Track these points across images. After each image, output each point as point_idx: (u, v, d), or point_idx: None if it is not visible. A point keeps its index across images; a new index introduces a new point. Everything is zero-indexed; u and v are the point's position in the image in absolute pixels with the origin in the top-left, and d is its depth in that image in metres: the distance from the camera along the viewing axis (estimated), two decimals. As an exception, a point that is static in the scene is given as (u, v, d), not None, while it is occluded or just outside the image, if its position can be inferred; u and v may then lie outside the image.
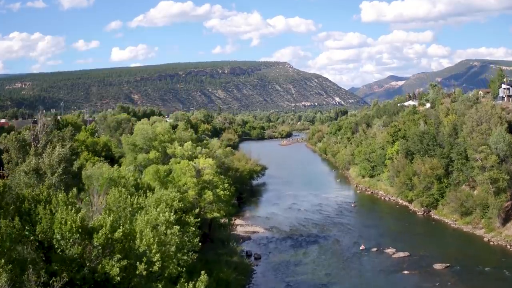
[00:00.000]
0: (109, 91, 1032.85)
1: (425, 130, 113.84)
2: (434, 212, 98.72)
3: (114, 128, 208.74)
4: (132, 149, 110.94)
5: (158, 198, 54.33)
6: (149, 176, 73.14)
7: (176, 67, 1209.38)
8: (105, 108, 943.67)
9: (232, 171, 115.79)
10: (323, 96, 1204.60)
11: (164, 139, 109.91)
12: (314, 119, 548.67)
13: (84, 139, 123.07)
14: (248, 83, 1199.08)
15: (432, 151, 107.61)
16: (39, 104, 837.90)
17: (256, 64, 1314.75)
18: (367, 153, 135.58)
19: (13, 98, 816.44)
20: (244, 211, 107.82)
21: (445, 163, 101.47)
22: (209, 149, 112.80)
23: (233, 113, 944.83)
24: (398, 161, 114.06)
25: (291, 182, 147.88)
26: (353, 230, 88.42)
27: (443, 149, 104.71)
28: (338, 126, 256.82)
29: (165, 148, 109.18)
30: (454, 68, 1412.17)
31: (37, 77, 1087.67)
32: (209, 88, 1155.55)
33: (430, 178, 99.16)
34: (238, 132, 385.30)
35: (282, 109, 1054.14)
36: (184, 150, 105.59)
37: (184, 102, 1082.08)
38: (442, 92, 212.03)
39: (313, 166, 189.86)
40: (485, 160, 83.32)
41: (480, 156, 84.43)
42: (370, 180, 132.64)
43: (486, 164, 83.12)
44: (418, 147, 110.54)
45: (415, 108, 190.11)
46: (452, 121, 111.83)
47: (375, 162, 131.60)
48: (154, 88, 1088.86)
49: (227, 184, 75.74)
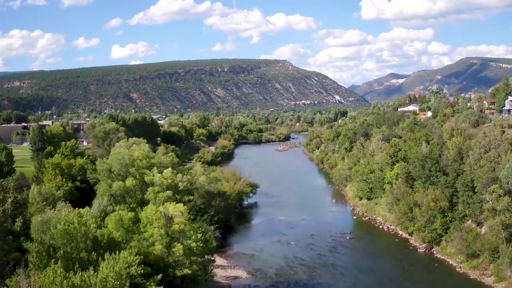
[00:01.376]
0: (108, 90, 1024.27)
1: (427, 154, 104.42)
2: (437, 249, 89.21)
3: (102, 138, 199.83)
4: (108, 175, 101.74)
5: (105, 276, 45.01)
6: (111, 225, 63.79)
7: (176, 65, 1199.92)
8: (104, 107, 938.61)
9: (217, 199, 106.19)
10: (323, 94, 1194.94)
11: (142, 164, 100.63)
12: (313, 120, 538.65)
13: (59, 161, 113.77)
14: (247, 81, 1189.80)
15: (435, 177, 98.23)
16: (37, 103, 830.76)
17: (256, 62, 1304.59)
18: (365, 173, 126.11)
19: (11, 97, 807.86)
20: (229, 245, 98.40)
21: (450, 194, 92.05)
22: (191, 175, 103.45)
23: (232, 111, 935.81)
24: (398, 187, 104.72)
25: (284, 203, 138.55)
26: (347, 276, 78.74)
27: (447, 177, 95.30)
28: (336, 132, 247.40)
29: (143, 175, 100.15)
30: (454, 65, 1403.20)
31: (36, 76, 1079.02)
32: (208, 86, 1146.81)
33: (433, 211, 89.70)
34: (234, 136, 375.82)
35: (281, 108, 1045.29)
36: (163, 178, 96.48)
37: (184, 101, 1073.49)
38: (444, 101, 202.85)
39: (309, 181, 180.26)
40: (496, 202, 73.74)
41: (491, 197, 74.86)
42: (368, 203, 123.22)
43: (497, 207, 73.54)
44: (419, 172, 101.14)
45: (416, 118, 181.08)
46: (457, 144, 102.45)
47: (373, 184, 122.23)
48: (153, 86, 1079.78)
49: (201, 234, 66.22)
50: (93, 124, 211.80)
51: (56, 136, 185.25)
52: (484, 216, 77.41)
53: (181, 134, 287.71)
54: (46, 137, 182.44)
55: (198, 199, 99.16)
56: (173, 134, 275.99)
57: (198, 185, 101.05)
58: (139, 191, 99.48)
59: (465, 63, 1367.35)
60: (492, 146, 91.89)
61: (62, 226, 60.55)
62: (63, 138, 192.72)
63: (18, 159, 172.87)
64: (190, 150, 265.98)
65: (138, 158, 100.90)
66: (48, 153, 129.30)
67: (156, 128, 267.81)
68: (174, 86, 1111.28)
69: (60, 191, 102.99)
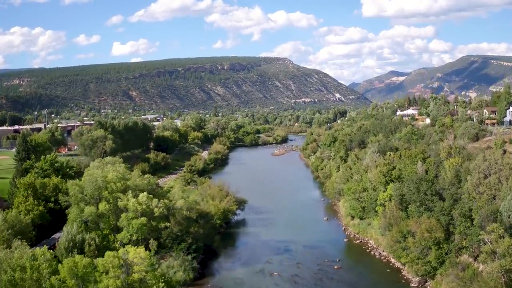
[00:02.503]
0: (107, 88, 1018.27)
1: (423, 176, 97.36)
2: (431, 283, 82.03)
3: (89, 146, 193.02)
4: (80, 199, 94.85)
5: None
6: (64, 273, 56.96)
7: (176, 63, 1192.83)
8: (103, 105, 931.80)
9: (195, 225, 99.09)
10: (323, 92, 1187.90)
11: (117, 187, 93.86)
12: (312, 121, 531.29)
13: (32, 181, 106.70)
14: (247, 79, 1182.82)
15: (430, 201, 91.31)
16: (36, 102, 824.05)
17: (256, 60, 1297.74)
18: (357, 191, 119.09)
19: (9, 96, 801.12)
20: (209, 275, 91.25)
21: (446, 222, 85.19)
22: (169, 199, 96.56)
23: (232, 110, 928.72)
24: (391, 211, 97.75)
25: (273, 220, 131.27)
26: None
27: (443, 202, 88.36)
28: (333, 137, 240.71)
29: (117, 199, 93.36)
30: (455, 63, 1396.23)
31: (36, 73, 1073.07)
32: (208, 84, 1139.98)
33: (427, 242, 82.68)
34: (230, 138, 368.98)
35: (282, 106, 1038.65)
36: (137, 203, 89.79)
37: (183, 99, 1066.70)
38: (443, 108, 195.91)
39: (302, 192, 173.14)
40: (496, 243, 66.71)
41: (490, 238, 67.82)
42: (360, 223, 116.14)
43: (497, 249, 66.52)
44: (414, 196, 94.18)
45: (413, 127, 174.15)
46: (454, 165, 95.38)
47: (365, 203, 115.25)
48: (152, 84, 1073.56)
49: (163, 284, 59.32)
50: (81, 131, 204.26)
51: (41, 145, 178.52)
52: (482, 258, 70.22)
53: (175, 138, 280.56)
54: (30, 146, 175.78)
55: (175, 226, 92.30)
56: (166, 139, 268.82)
57: (176, 210, 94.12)
58: (113, 216, 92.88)
59: (466, 60, 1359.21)
60: (492, 171, 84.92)
61: (8, 275, 54.23)
62: (48, 147, 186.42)
63: (2, 168, 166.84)
64: (183, 156, 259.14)
65: (112, 181, 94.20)
66: (25, 170, 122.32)
67: (148, 133, 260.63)
68: (173, 84, 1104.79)
69: (29, 216, 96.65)
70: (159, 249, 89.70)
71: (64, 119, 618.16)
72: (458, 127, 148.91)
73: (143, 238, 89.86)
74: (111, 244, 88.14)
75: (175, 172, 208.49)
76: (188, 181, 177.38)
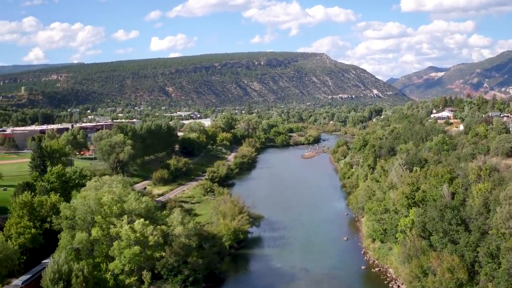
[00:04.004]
0: (144, 84, 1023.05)
1: (448, 202, 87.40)
2: (453, 329, 72.64)
3: (107, 152, 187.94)
4: (72, 223, 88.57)
5: None
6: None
7: (212, 59, 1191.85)
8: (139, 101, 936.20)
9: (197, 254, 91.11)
10: (360, 88, 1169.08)
11: (111, 212, 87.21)
12: (346, 120, 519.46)
13: (29, 199, 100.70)
14: (284, 75, 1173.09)
15: (454, 232, 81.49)
16: (72, 98, 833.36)
17: (293, 55, 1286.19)
18: (378, 212, 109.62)
19: (46, 92, 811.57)
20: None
21: (470, 259, 75.40)
22: (167, 225, 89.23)
23: (268, 106, 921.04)
24: (411, 242, 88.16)
25: (289, 239, 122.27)
26: None
27: (469, 235, 78.51)
28: (364, 141, 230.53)
29: (110, 225, 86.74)
30: (495, 59, 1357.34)
31: (73, 69, 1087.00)
32: (244, 80, 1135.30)
33: (449, 283, 73.12)
34: (261, 139, 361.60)
35: (318, 102, 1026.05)
36: (130, 231, 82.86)
37: (219, 95, 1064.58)
38: (478, 115, 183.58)
39: (326, 204, 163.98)
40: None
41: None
42: (381, 247, 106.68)
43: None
44: (437, 225, 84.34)
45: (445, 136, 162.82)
46: (483, 191, 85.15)
47: (387, 225, 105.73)
48: (189, 80, 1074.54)
49: None
50: (101, 135, 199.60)
51: (57, 151, 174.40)
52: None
53: (202, 140, 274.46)
54: (46, 152, 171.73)
55: (171, 256, 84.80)
56: (191, 141, 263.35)
57: (174, 238, 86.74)
58: (107, 242, 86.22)
59: (507, 56, 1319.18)
60: (526, 203, 74.64)
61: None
62: (64, 153, 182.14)
63: (18, 175, 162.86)
64: (209, 159, 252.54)
65: (106, 204, 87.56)
66: (26, 185, 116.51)
67: (172, 136, 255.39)
68: (210, 80, 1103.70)
69: (20, 240, 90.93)
70: (153, 280, 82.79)
71: (99, 115, 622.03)
72: (493, 138, 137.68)
73: (137, 268, 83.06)
74: (103, 274, 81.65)
75: (197, 178, 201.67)
76: (207, 190, 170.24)
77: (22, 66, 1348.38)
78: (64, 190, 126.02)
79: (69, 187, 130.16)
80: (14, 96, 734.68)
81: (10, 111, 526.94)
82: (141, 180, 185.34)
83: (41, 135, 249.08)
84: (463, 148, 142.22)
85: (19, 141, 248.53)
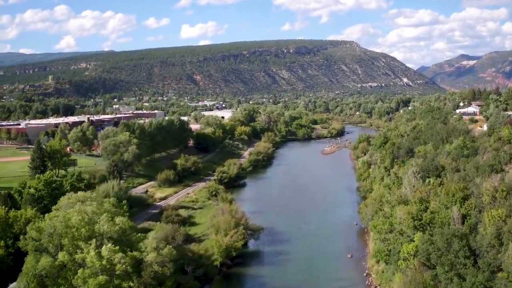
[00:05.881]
0: (172, 72, 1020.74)
1: (455, 231, 76.87)
2: None
3: (112, 151, 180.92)
4: (37, 247, 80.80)
5: None
6: None
7: (241, 47, 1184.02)
8: (167, 89, 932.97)
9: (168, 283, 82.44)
10: (390, 76, 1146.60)
11: (80, 234, 79.13)
12: (372, 111, 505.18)
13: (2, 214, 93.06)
14: (313, 63, 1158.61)
15: (462, 267, 71.24)
16: (99, 87, 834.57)
17: (322, 43, 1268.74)
18: (383, 231, 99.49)
19: (73, 81, 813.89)
20: None
21: (477, 300, 65.32)
22: (140, 250, 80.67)
23: (296, 94, 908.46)
24: (412, 273, 78.06)
25: (290, 254, 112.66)
26: None
27: (477, 272, 68.20)
28: (384, 137, 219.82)
29: (78, 249, 78.75)
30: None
31: (102, 57, 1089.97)
32: (273, 68, 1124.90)
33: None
34: (282, 132, 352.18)
35: (347, 90, 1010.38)
36: (96, 258, 74.67)
37: (248, 83, 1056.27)
38: (502, 115, 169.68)
39: (338, 209, 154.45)
40: None
41: None
42: (385, 271, 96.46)
43: None
44: (442, 258, 73.94)
45: (466, 138, 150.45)
46: (496, 220, 74.35)
47: (391, 246, 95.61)
48: (217, 68, 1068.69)
49: None
50: (107, 133, 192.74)
51: (57, 151, 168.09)
52: None
53: (218, 135, 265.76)
54: (46, 153, 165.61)
55: (141, 287, 76.31)
56: (206, 136, 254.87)
57: (145, 265, 78.19)
58: (74, 269, 78.18)
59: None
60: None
61: None
62: (65, 154, 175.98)
63: (20, 175, 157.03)
64: (223, 155, 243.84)
65: (74, 226, 79.47)
66: (8, 195, 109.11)
67: (185, 131, 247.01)
68: (238, 68, 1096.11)
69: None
70: (121, 314, 74.63)
71: (124, 105, 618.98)
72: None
73: (103, 299, 74.90)
74: (68, 305, 73.88)
75: (206, 178, 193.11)
76: (212, 194, 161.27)
77: (53, 54, 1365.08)
78: (54, 198, 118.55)
79: (59, 194, 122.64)
80: (41, 85, 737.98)
81: (35, 101, 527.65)
82: (147, 181, 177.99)
83: (55, 130, 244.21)
84: (484, 154, 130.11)
85: (32, 136, 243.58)
